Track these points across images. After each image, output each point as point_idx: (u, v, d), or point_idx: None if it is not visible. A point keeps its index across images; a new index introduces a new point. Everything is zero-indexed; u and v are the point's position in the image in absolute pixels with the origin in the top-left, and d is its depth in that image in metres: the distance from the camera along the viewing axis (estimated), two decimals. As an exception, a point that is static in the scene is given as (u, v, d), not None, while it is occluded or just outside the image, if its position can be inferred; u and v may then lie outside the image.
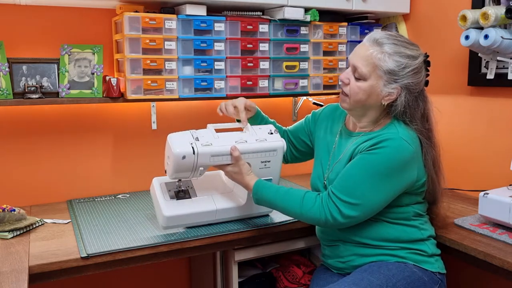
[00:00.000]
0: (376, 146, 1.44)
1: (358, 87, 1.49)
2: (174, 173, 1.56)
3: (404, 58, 1.46)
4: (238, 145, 1.59)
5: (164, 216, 1.59)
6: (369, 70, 1.46)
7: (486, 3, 2.02)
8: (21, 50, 1.95)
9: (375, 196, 1.44)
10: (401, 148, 1.44)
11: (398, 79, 1.46)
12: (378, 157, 1.43)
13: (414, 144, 1.47)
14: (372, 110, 1.53)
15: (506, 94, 2.00)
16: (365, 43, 1.50)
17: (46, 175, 2.07)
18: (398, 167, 1.44)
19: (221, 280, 1.90)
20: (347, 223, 1.46)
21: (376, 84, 1.47)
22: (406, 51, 1.47)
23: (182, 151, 1.50)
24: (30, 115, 2.02)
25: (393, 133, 1.47)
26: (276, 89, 2.23)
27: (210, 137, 1.59)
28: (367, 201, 1.43)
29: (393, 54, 1.45)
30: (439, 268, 1.55)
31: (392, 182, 1.45)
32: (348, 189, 1.44)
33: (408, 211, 1.53)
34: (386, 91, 1.48)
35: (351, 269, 1.55)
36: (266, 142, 1.64)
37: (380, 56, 1.45)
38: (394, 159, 1.43)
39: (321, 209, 1.46)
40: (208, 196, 1.71)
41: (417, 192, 1.54)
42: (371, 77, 1.47)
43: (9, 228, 1.62)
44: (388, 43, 1.46)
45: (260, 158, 1.62)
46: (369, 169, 1.43)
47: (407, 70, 1.46)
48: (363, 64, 1.47)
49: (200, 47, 2.02)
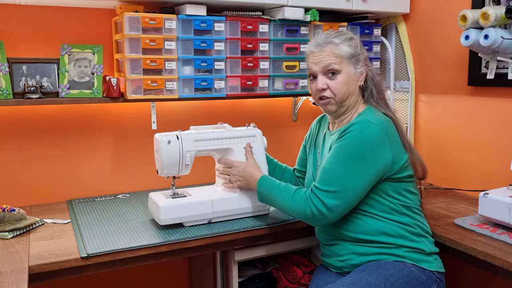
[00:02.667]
0: (345, 132, 1.51)
1: (337, 83, 1.58)
2: (164, 166, 1.68)
3: (351, 40, 1.60)
4: (218, 131, 1.78)
5: (160, 206, 1.64)
6: (339, 61, 1.57)
7: (486, 3, 2.02)
8: (21, 50, 1.95)
9: (352, 180, 1.47)
10: (367, 129, 1.49)
11: (359, 58, 1.60)
12: (347, 141, 1.50)
13: (382, 125, 1.51)
14: (353, 97, 1.61)
15: (506, 94, 2.00)
16: (316, 49, 1.60)
17: (46, 175, 2.07)
18: (368, 148, 1.48)
19: (221, 280, 1.90)
20: (332, 215, 1.48)
21: (349, 71, 1.58)
22: (347, 35, 1.61)
23: (167, 138, 1.68)
24: (30, 115, 2.02)
25: (361, 118, 1.53)
26: (276, 89, 2.23)
27: (193, 131, 1.79)
28: (346, 187, 1.47)
29: (344, 41, 1.59)
30: (437, 267, 1.55)
31: (365, 164, 1.48)
32: (327, 179, 1.49)
33: (394, 203, 1.54)
34: (358, 72, 1.60)
35: (350, 268, 1.56)
36: (245, 130, 1.82)
37: (338, 47, 1.57)
38: (362, 140, 1.48)
39: (306, 203, 1.51)
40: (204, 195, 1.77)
41: (399, 177, 1.54)
42: (343, 67, 1.57)
43: (9, 228, 1.62)
44: (332, 37, 1.59)
45: (242, 143, 1.78)
46: (341, 155, 1.49)
47: (358, 47, 1.61)
48: (332, 60, 1.57)
49: (200, 47, 2.02)
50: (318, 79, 1.60)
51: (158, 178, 2.07)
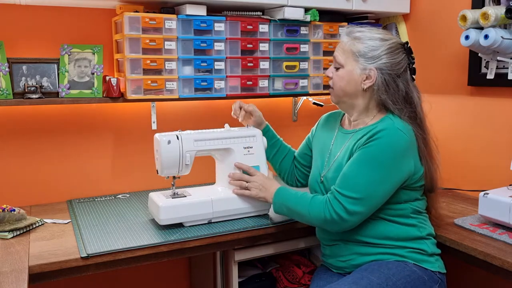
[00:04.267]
0: (372, 138, 1.48)
1: (337, 75, 1.59)
2: (164, 166, 1.68)
3: (374, 40, 1.55)
4: (218, 131, 1.78)
5: (160, 206, 1.64)
6: (345, 57, 1.57)
7: (486, 3, 2.02)
8: (21, 50, 1.95)
9: (376, 188, 1.46)
10: (396, 137, 1.47)
11: (373, 60, 1.53)
12: (375, 148, 1.46)
13: (409, 134, 1.51)
14: (357, 98, 1.58)
15: (506, 94, 2.00)
16: (340, 39, 1.63)
17: (46, 175, 2.07)
18: (395, 156, 1.46)
19: (221, 280, 1.90)
20: (353, 220, 1.47)
21: (352, 69, 1.56)
22: (376, 35, 1.56)
23: (167, 138, 1.68)
24: (30, 115, 2.02)
25: (388, 124, 1.50)
26: (276, 89, 2.23)
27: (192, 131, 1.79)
28: (370, 194, 1.45)
29: (364, 38, 1.55)
30: (439, 268, 1.55)
31: (391, 173, 1.46)
32: (350, 185, 1.46)
33: (406, 208, 1.54)
34: (363, 74, 1.55)
35: (352, 268, 1.56)
36: (244, 130, 1.83)
37: (352, 42, 1.56)
38: (390, 148, 1.46)
39: (325, 207, 1.48)
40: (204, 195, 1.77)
41: (415, 187, 1.55)
42: (347, 63, 1.57)
43: (9, 228, 1.62)
44: (359, 31, 1.58)
45: (242, 143, 1.78)
46: (368, 161, 1.46)
47: (380, 50, 1.53)
48: (340, 53, 1.59)
49: (200, 47, 2.02)
50: (330, 67, 1.64)
51: (158, 178, 2.07)
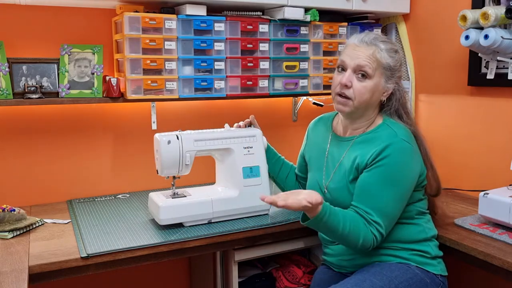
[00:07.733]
0: (382, 156, 1.46)
1: (363, 87, 1.50)
2: (164, 166, 1.68)
3: (395, 53, 1.54)
4: (218, 131, 1.79)
5: (160, 206, 1.64)
6: (374, 68, 1.49)
7: (486, 3, 2.02)
8: (21, 50, 1.95)
9: (400, 206, 1.49)
10: (404, 150, 1.47)
11: (394, 73, 1.53)
12: (388, 168, 1.45)
13: (412, 140, 1.51)
14: (370, 109, 1.56)
15: (506, 94, 2.00)
16: (360, 45, 1.51)
17: (46, 175, 2.07)
18: (408, 168, 1.48)
19: (221, 280, 1.90)
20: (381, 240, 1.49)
21: (379, 82, 1.51)
22: (394, 47, 1.54)
23: (167, 138, 1.69)
24: (30, 115, 2.02)
25: (392, 136, 1.48)
26: (276, 89, 2.23)
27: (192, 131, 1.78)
28: (396, 215, 1.49)
29: (389, 51, 1.52)
30: (441, 271, 1.55)
31: (407, 184, 1.49)
32: (382, 213, 1.45)
33: (411, 210, 1.55)
34: (386, 87, 1.53)
35: (354, 267, 1.56)
36: (244, 130, 1.83)
37: (381, 54, 1.50)
38: (402, 163, 1.47)
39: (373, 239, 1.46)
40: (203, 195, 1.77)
41: (418, 188, 1.56)
42: (375, 75, 1.50)
43: (9, 228, 1.62)
44: (380, 41, 1.52)
45: (242, 143, 1.78)
46: (387, 183, 1.45)
47: (399, 64, 1.55)
48: (368, 62, 1.49)
49: (200, 47, 2.02)
50: (346, 73, 1.51)
51: (158, 178, 2.07)
